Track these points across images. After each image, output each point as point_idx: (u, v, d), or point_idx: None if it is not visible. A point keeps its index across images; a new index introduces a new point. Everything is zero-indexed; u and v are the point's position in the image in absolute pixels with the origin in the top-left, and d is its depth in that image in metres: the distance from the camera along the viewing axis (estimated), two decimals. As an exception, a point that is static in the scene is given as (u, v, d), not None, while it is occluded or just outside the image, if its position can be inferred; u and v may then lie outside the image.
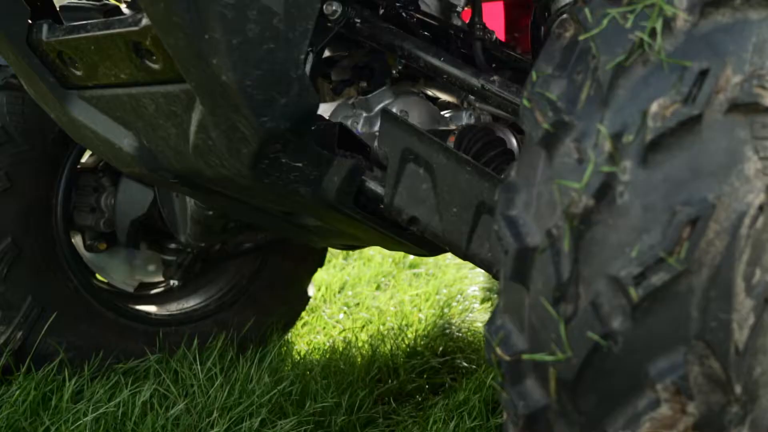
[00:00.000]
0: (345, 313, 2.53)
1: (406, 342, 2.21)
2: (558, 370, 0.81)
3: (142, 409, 1.53)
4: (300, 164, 1.21)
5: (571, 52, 0.95)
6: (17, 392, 1.55)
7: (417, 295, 2.76)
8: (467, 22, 1.59)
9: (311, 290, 2.33)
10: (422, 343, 2.20)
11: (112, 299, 1.91)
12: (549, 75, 0.92)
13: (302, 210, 1.41)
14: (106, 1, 1.78)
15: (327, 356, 2.08)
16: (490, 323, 0.92)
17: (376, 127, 1.51)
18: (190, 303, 2.13)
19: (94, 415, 1.44)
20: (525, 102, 0.94)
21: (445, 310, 2.57)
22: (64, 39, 1.18)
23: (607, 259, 0.79)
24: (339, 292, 2.77)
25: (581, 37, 0.90)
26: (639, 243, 0.77)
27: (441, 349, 2.11)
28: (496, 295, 2.88)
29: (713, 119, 0.77)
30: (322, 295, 2.65)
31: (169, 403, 1.61)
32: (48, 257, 1.75)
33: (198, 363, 1.74)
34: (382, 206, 1.34)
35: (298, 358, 2.06)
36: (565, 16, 1.25)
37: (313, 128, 1.21)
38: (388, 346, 2.14)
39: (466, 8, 1.65)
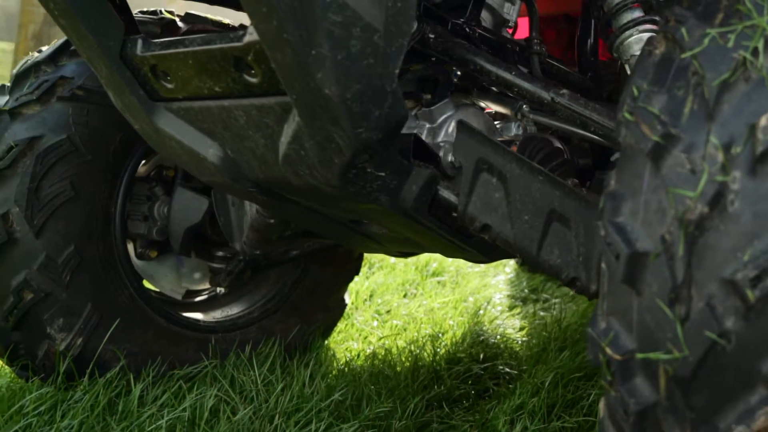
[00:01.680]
0: (378, 320, 2.57)
1: (444, 349, 2.25)
2: (673, 368, 0.86)
3: (210, 414, 1.56)
4: (383, 174, 1.26)
5: (666, 69, 1.00)
6: (86, 397, 1.58)
7: (445, 302, 2.80)
8: (526, 37, 1.65)
9: (347, 298, 2.37)
10: (460, 349, 2.25)
11: (163, 307, 1.94)
12: (650, 90, 0.98)
13: (374, 218, 1.46)
14: (162, 16, 1.82)
15: (370, 363, 2.12)
16: (593, 325, 0.97)
17: (440, 138, 1.56)
18: (234, 310, 2.16)
19: (167, 419, 1.47)
20: (626, 115, 1.00)
21: (474, 319, 2.62)
22: (160, 54, 1.22)
23: (719, 263, 0.84)
24: (368, 300, 2.81)
25: (683, 55, 0.96)
26: (751, 248, 0.83)
27: (481, 355, 2.15)
28: (521, 303, 2.94)
29: None
30: (353, 303, 2.69)
31: (230, 409, 1.64)
32: (107, 265, 1.78)
33: (255, 369, 1.77)
34: (455, 214, 1.39)
35: (342, 364, 2.09)
36: (653, 34, 1.32)
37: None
38: (428, 353, 2.18)
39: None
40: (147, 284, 2.01)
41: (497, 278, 3.29)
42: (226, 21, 1.96)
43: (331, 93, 1.08)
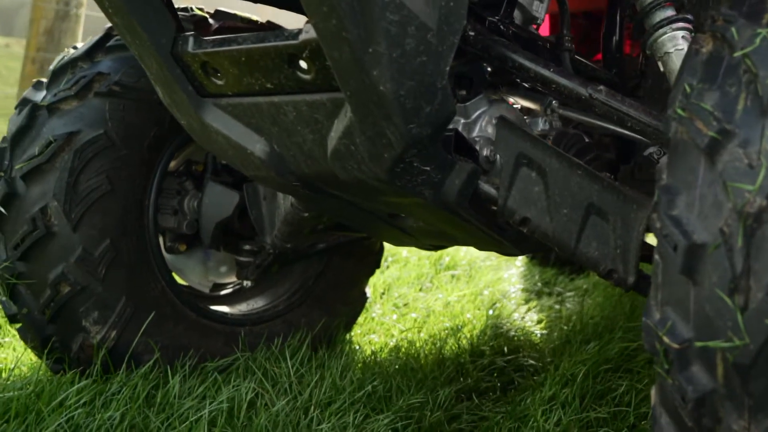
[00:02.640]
0: (396, 314, 2.60)
1: (465, 342, 2.28)
2: (733, 355, 0.89)
3: (248, 405, 1.59)
4: (428, 168, 1.29)
5: (715, 67, 1.04)
6: (125, 389, 1.60)
7: (462, 296, 2.84)
8: (555, 34, 1.68)
9: (368, 291, 2.40)
10: (482, 342, 2.28)
11: (193, 300, 1.96)
12: (701, 87, 1.01)
13: (413, 212, 1.48)
14: (194, 13, 1.84)
15: (394, 356, 2.15)
16: (648, 315, 1.01)
17: (474, 133, 1.59)
18: (259, 303, 2.19)
19: (210, 409, 1.50)
20: (679, 111, 1.03)
21: (490, 312, 2.65)
22: (213, 51, 1.24)
23: (778, 254, 0.87)
24: (384, 293, 2.84)
25: (735, 54, 0.99)
26: (807, 240, 0.86)
27: (504, 348, 2.18)
28: (535, 296, 2.97)
29: None
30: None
31: (265, 401, 1.66)
32: (140, 259, 1.80)
33: (288, 361, 1.80)
34: (494, 207, 1.42)
35: (368, 357, 2.12)
36: (686, 32, 1.35)
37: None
38: (451, 346, 2.21)
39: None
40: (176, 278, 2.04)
41: (510, 272, 3.33)
42: (255, 18, 1.98)
43: (386, 90, 1.11)
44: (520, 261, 3.57)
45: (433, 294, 2.86)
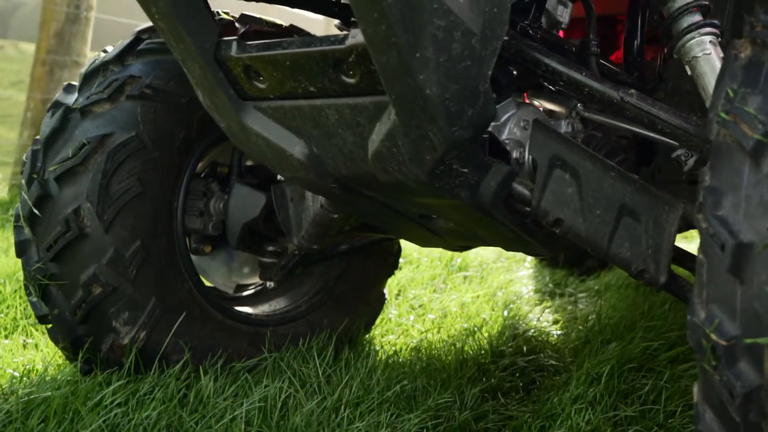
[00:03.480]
0: (413, 314, 2.62)
1: (484, 342, 2.30)
2: (782, 351, 0.92)
3: (281, 404, 1.61)
4: (466, 170, 1.31)
5: (756, 71, 1.07)
6: (158, 390, 1.62)
7: (476, 297, 2.86)
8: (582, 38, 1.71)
9: (386, 292, 2.42)
10: (500, 343, 2.30)
11: (218, 301, 1.98)
12: (743, 91, 1.04)
13: (447, 213, 1.51)
14: (222, 17, 1.86)
15: (416, 356, 2.17)
16: (692, 313, 1.03)
17: (503, 136, 1.61)
18: (281, 304, 2.20)
19: (245, 408, 1.52)
20: (723, 115, 1.05)
21: (505, 312, 2.68)
22: (257, 55, 1.26)
23: (823, 252, 0.90)
24: (399, 294, 2.86)
25: (779, 59, 1.02)
26: None
27: (524, 348, 2.21)
28: (548, 297, 3.00)
29: None
30: (385, 297, 2.74)
31: (297, 401, 1.68)
32: (169, 260, 1.82)
33: (316, 361, 1.82)
34: (528, 208, 1.44)
35: (390, 357, 2.14)
36: (714, 37, 1.37)
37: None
38: (471, 347, 2.23)
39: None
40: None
41: (521, 273, 3.35)
42: (279, 22, 2.01)
43: (431, 93, 1.13)
44: (530, 262, 3.60)
45: (448, 295, 2.88)
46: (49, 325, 1.79)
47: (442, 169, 1.27)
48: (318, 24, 6.69)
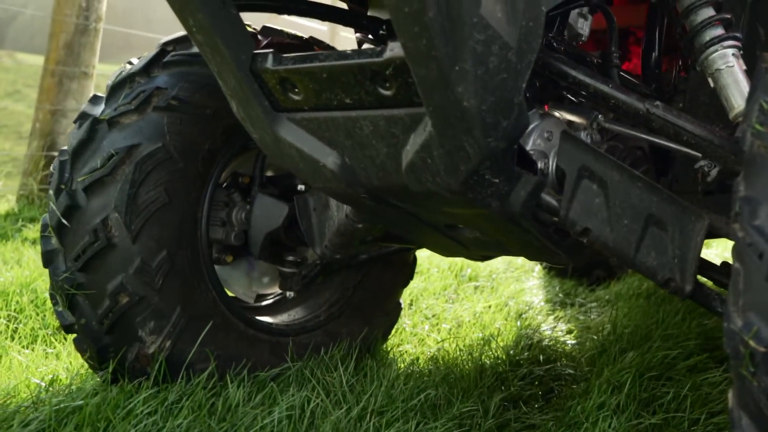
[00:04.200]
0: (428, 324, 2.63)
1: (500, 352, 2.32)
2: (823, 358, 0.94)
3: (304, 414, 1.62)
4: (497, 180, 1.33)
5: (788, 84, 1.09)
6: (185, 399, 1.63)
7: (488, 306, 2.88)
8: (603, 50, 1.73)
9: (401, 301, 2.44)
10: (517, 352, 2.32)
11: (240, 310, 1.99)
12: (778, 104, 1.06)
13: (475, 222, 1.53)
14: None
15: (434, 365, 2.18)
16: (729, 320, 1.05)
17: (528, 146, 1.64)
18: (300, 314, 2.22)
19: (276, 417, 1.53)
20: (758, 127, 1.08)
21: (518, 322, 2.69)
22: (294, 68, 1.28)
23: None
24: (412, 304, 2.87)
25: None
26: None
27: (542, 357, 2.22)
28: (559, 307, 3.01)
29: None
30: (399, 308, 2.75)
31: (323, 410, 1.69)
32: (194, 269, 1.83)
33: (340, 370, 1.83)
34: (555, 218, 1.46)
35: (409, 367, 2.15)
36: (735, 50, 1.40)
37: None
38: (488, 356, 2.25)
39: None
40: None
41: (531, 283, 3.37)
42: (299, 34, 2.03)
43: (469, 105, 1.16)
44: (538, 272, 3.62)
45: (460, 305, 2.90)
46: (74, 335, 1.80)
47: (475, 179, 1.29)
48: (320, 34, 6.72)
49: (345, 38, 7.50)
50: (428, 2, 1.07)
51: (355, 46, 1.94)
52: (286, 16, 1.78)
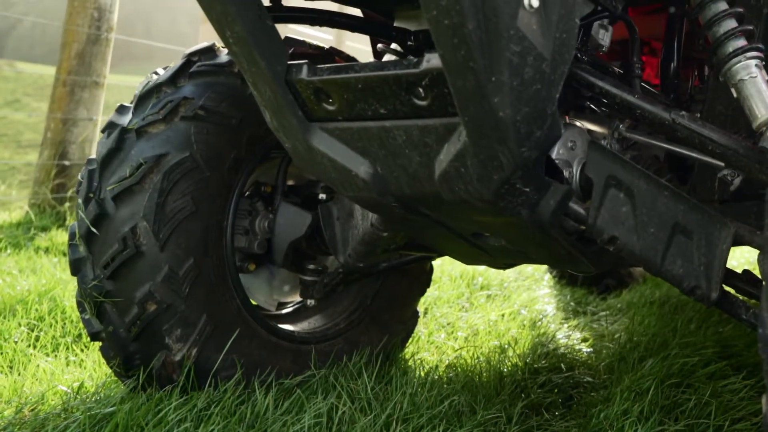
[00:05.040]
0: (444, 332, 2.65)
1: (518, 360, 2.33)
2: None
3: (330, 421, 1.64)
4: (528, 189, 1.35)
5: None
6: (214, 406, 1.64)
7: (501, 315, 2.89)
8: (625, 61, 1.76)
9: (419, 310, 2.45)
10: (534, 359, 2.33)
11: (263, 318, 2.01)
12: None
13: (503, 231, 1.54)
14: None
15: (454, 374, 2.19)
16: (764, 326, 1.07)
17: (553, 155, 1.66)
18: (320, 322, 2.24)
19: (306, 423, 1.54)
20: (791, 136, 1.10)
21: (532, 331, 2.71)
22: (329, 78, 1.31)
23: None
24: (426, 313, 2.89)
25: None
26: None
27: (560, 365, 2.24)
28: (572, 315, 3.03)
29: None
30: (414, 316, 2.77)
31: (348, 417, 1.71)
32: (219, 277, 1.85)
33: (365, 377, 1.84)
34: (583, 227, 1.48)
35: (430, 375, 2.17)
36: (758, 60, 1.42)
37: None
38: (507, 364, 2.26)
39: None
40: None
41: (542, 292, 3.39)
42: (321, 44, 2.06)
43: (504, 115, 1.18)
44: (548, 281, 3.63)
45: (474, 313, 2.92)
46: (100, 343, 1.82)
47: (506, 188, 1.31)
48: (325, 43, 6.76)
49: (350, 47, 7.54)
50: (468, 15, 1.09)
51: (359, 56, 1.98)
52: (290, 25, 1.82)
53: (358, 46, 7.42)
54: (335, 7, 1.73)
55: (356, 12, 1.81)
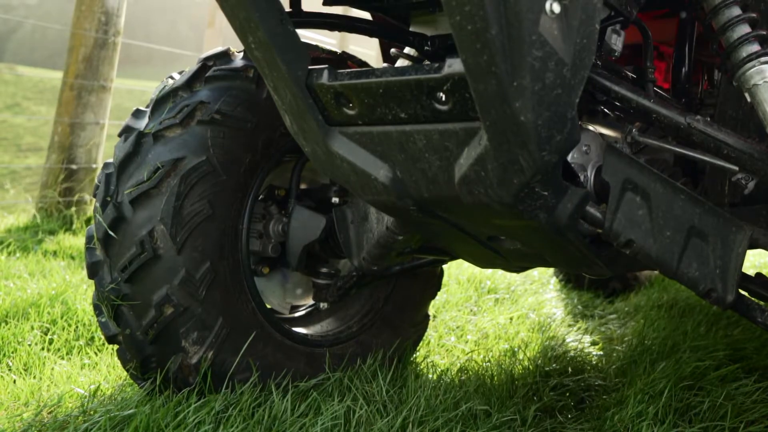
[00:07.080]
0: (454, 336, 2.66)
1: (529, 363, 2.34)
2: None
3: (348, 423, 1.65)
4: (546, 192, 1.36)
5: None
6: (232, 409, 1.65)
7: (510, 318, 2.90)
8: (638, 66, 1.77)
9: (429, 313, 2.46)
10: (545, 363, 2.34)
11: (278, 321, 2.02)
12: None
13: (519, 234, 1.56)
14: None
15: (465, 376, 2.20)
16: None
17: (569, 159, 1.67)
18: (332, 325, 2.24)
19: (322, 426, 1.55)
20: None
21: (541, 334, 2.72)
22: (350, 83, 1.32)
23: None
24: (435, 316, 2.90)
25: None
26: None
27: (569, 368, 2.25)
28: (580, 319, 3.04)
29: None
30: (423, 319, 2.77)
31: (365, 419, 1.72)
32: (235, 281, 1.86)
33: (380, 380, 1.85)
34: (599, 230, 1.50)
35: (443, 377, 2.18)
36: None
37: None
38: (518, 367, 2.27)
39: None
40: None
41: (550, 295, 3.40)
42: (334, 49, 2.07)
43: (526, 120, 1.19)
44: (554, 285, 3.64)
45: (482, 316, 2.93)
46: (116, 346, 1.83)
47: (526, 192, 1.33)
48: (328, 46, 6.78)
49: (354, 51, 7.56)
50: (490, 20, 1.10)
51: (362, 59, 1.99)
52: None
53: (361, 50, 7.44)
54: (354, 13, 1.75)
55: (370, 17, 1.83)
